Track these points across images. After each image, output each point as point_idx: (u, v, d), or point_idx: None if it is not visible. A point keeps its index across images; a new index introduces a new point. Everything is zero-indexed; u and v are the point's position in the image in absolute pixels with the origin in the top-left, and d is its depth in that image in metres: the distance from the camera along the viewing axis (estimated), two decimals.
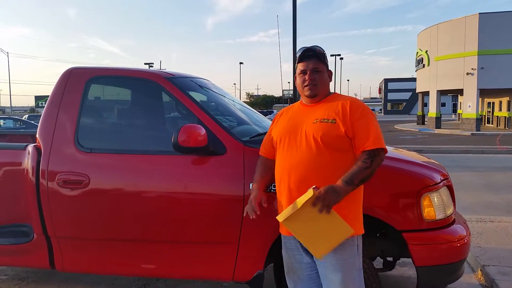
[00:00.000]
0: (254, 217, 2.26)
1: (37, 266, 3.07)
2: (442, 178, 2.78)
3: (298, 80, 2.31)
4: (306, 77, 2.24)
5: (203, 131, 2.62)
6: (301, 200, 1.99)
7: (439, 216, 2.65)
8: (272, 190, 2.58)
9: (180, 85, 3.00)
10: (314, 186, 2.01)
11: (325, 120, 2.15)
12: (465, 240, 2.73)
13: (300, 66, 2.28)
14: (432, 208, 2.62)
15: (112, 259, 2.93)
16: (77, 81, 3.05)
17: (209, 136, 2.66)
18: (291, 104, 2.48)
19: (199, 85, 3.37)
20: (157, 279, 3.80)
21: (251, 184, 2.63)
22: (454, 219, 2.82)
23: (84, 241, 2.92)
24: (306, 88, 2.25)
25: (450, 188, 2.84)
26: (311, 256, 2.21)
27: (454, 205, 2.88)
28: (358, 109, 2.17)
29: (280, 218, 2.06)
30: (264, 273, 2.76)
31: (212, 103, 3.45)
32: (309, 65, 2.24)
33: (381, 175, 2.63)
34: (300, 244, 2.21)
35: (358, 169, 2.06)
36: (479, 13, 25.68)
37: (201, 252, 2.80)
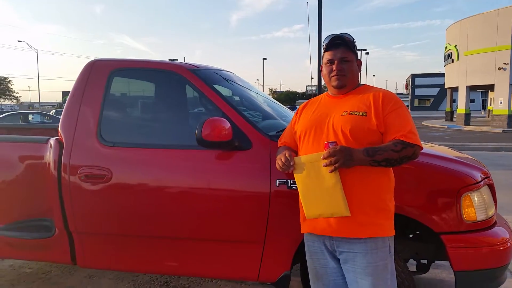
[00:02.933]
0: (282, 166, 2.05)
1: (59, 261, 3.02)
2: (483, 176, 2.60)
3: (325, 70, 2.14)
4: (334, 67, 2.07)
5: (227, 124, 2.50)
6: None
7: (480, 217, 2.47)
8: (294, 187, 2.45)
9: (204, 77, 2.89)
10: (333, 141, 1.93)
11: (355, 113, 1.99)
12: (508, 244, 2.53)
13: (327, 55, 2.11)
14: (473, 209, 2.44)
15: (134, 256, 2.85)
16: (99, 73, 2.97)
17: (234, 130, 2.55)
18: (315, 96, 2.31)
19: (223, 77, 3.26)
20: (180, 276, 3.73)
21: (277, 181, 2.51)
22: (496, 220, 2.63)
23: (106, 236, 2.86)
24: (333, 78, 2.08)
25: (491, 187, 2.65)
26: (337, 261, 2.06)
27: (496, 205, 2.68)
28: (391, 102, 2.00)
29: (297, 159, 2.00)
30: (290, 274, 2.63)
31: (237, 96, 3.34)
32: (337, 54, 2.07)
33: (418, 173, 2.47)
34: (325, 246, 2.06)
35: (386, 147, 1.89)
36: None
37: (225, 251, 2.69)
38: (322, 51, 2.16)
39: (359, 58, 2.16)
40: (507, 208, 5.91)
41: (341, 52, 2.07)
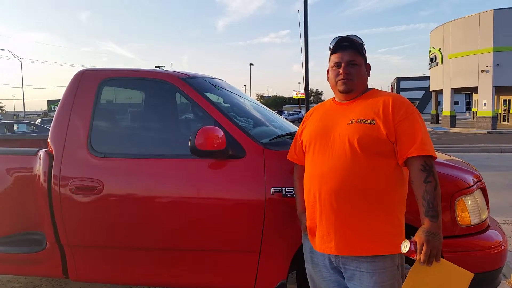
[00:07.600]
0: None
1: (50, 275, 2.95)
2: (475, 180, 2.62)
3: (331, 74, 2.02)
4: (341, 70, 1.96)
5: (221, 133, 2.49)
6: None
7: (474, 221, 2.48)
8: (294, 195, 2.44)
9: (195, 85, 2.87)
10: (405, 243, 1.76)
11: (363, 121, 1.86)
12: (502, 247, 2.55)
13: (333, 58, 1.99)
14: (467, 213, 2.45)
15: (127, 268, 2.81)
16: (89, 83, 2.94)
17: (227, 139, 2.53)
18: (321, 102, 2.22)
19: (214, 85, 3.24)
20: None
21: (272, 189, 2.50)
22: (489, 224, 2.65)
23: (98, 249, 2.81)
24: (340, 82, 1.96)
25: (483, 191, 2.67)
26: (341, 275, 1.97)
27: (488, 208, 2.71)
28: (402, 108, 1.86)
29: None
30: (287, 283, 2.61)
31: (228, 104, 3.32)
32: (344, 57, 1.95)
33: None
34: (330, 261, 1.97)
35: (430, 195, 1.76)
36: (494, 9, 25.24)
37: (220, 261, 2.66)
38: (330, 54, 2.04)
39: (368, 61, 2.05)
40: (498, 210, 5.99)
41: (348, 55, 1.96)
